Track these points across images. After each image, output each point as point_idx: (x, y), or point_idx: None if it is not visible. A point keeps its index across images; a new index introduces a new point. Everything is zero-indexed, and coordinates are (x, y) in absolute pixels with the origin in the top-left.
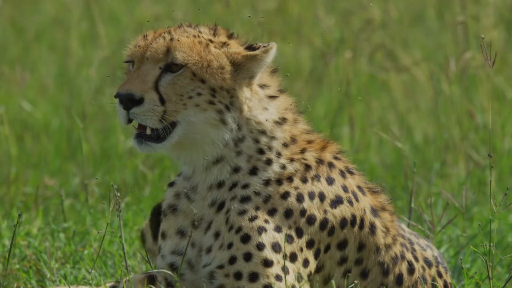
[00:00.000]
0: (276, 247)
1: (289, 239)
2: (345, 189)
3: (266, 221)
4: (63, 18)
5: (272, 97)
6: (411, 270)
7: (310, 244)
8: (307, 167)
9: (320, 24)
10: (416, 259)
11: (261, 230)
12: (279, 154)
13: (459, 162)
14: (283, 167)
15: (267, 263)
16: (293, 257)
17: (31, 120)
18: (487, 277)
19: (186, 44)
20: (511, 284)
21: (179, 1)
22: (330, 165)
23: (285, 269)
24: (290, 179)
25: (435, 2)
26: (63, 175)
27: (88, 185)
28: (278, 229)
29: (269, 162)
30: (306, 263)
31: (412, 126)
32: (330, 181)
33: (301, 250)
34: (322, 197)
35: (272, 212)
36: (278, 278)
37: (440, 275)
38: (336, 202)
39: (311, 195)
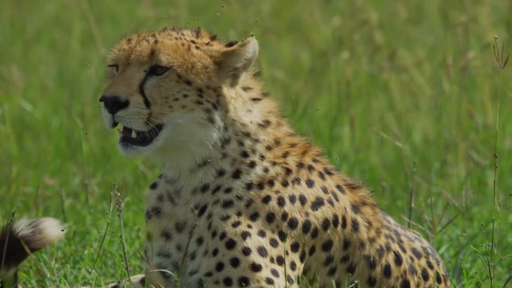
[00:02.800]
0: (262, 252)
1: (273, 243)
2: (325, 190)
3: (249, 226)
4: (63, 18)
5: (255, 99)
6: (398, 260)
7: (295, 247)
8: (288, 171)
9: (320, 23)
10: (403, 249)
11: (245, 235)
12: (262, 157)
13: (459, 162)
14: (266, 170)
15: (255, 267)
16: (280, 261)
17: (31, 120)
18: (487, 277)
19: (169, 46)
20: (511, 284)
21: (178, 1)
22: (310, 168)
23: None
24: (271, 183)
25: (436, 2)
26: (63, 175)
27: (88, 185)
28: (261, 233)
29: (252, 165)
30: (293, 265)
31: (412, 126)
32: (310, 184)
33: (287, 253)
34: (303, 200)
35: (254, 216)
36: (269, 281)
37: (431, 266)
38: (317, 204)
39: (292, 199)
